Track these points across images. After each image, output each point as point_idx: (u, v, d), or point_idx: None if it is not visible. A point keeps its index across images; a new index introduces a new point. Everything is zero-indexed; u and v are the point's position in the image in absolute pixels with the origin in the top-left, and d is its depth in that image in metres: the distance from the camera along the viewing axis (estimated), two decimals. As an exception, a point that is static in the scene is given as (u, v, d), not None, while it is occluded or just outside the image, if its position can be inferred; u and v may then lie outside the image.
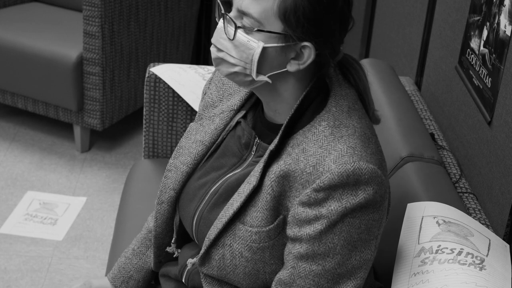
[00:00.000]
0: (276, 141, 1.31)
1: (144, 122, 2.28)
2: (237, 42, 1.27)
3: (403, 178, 1.74)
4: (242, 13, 1.27)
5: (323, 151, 1.26)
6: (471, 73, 1.94)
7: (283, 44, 1.26)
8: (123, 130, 3.50)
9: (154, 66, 2.27)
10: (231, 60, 1.30)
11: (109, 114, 3.19)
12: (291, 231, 1.29)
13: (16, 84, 3.21)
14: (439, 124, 2.18)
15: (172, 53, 3.51)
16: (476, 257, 1.39)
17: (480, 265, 1.37)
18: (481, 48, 1.87)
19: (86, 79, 3.10)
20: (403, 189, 1.70)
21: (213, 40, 1.32)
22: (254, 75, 1.29)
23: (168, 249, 1.56)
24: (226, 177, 1.42)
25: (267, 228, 1.31)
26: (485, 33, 1.85)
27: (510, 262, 1.45)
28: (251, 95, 1.46)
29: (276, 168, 1.30)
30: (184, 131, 2.28)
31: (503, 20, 1.73)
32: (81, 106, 3.15)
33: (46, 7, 3.58)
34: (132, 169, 2.31)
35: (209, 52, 3.93)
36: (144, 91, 2.25)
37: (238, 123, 1.45)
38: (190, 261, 1.47)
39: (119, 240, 2.00)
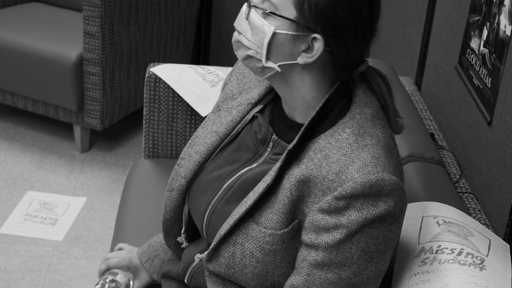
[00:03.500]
0: (295, 141, 1.31)
1: (144, 122, 2.28)
2: (253, 25, 1.29)
3: (403, 178, 1.73)
4: None
5: (346, 159, 1.26)
6: (471, 73, 1.94)
7: (294, 33, 1.27)
8: (123, 130, 3.50)
9: (154, 66, 2.26)
10: (246, 43, 1.31)
11: (109, 114, 3.19)
12: (307, 237, 1.28)
13: (16, 84, 3.21)
14: (439, 124, 2.18)
15: (172, 53, 3.51)
16: (476, 257, 1.39)
17: (480, 265, 1.37)
18: (481, 48, 1.87)
19: (86, 79, 3.10)
20: (403, 189, 1.69)
21: (235, 23, 1.34)
22: (263, 59, 1.30)
23: (179, 238, 1.56)
24: (241, 172, 1.41)
25: (281, 231, 1.31)
26: (485, 33, 1.85)
27: (510, 262, 1.45)
28: (270, 90, 1.46)
29: (297, 172, 1.29)
30: (184, 131, 2.29)
31: (503, 20, 1.73)
32: (81, 106, 3.15)
33: (46, 7, 3.58)
34: (132, 169, 2.31)
35: (209, 52, 3.93)
36: (144, 91, 2.25)
37: (254, 117, 1.44)
38: (198, 256, 1.46)
39: (119, 240, 2.00)
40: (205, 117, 1.59)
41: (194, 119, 2.28)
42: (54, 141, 3.38)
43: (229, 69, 2.29)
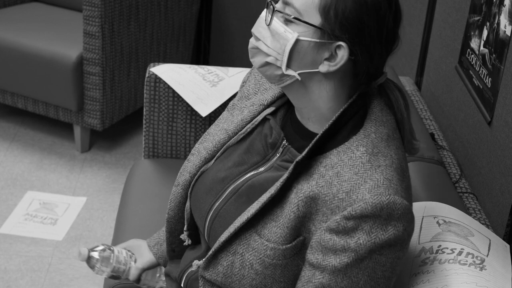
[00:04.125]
0: (304, 153, 1.27)
1: (144, 122, 2.28)
2: (274, 31, 1.26)
3: (403, 178, 1.73)
4: (285, 4, 1.26)
5: (358, 178, 1.22)
6: (471, 73, 1.94)
7: (318, 40, 1.23)
8: (123, 130, 3.50)
9: (154, 66, 2.26)
10: (265, 49, 1.28)
11: (109, 114, 3.19)
12: (313, 257, 1.25)
13: (16, 84, 3.21)
14: (439, 124, 2.18)
15: (172, 53, 3.51)
16: (477, 257, 1.39)
17: (481, 265, 1.37)
18: (481, 48, 1.87)
19: (86, 79, 3.10)
20: (403, 189, 1.69)
21: (253, 29, 1.31)
22: (283, 67, 1.26)
23: (182, 236, 1.53)
24: (247, 176, 1.38)
25: (284, 246, 1.27)
26: (485, 33, 1.85)
27: (511, 262, 1.45)
28: (284, 93, 1.41)
29: (307, 188, 1.26)
30: (184, 131, 2.29)
31: (503, 20, 1.73)
32: (81, 106, 3.15)
33: (46, 7, 3.58)
34: (132, 169, 2.31)
35: (209, 52, 3.93)
36: (144, 91, 2.25)
37: (266, 119, 1.41)
38: (197, 262, 1.42)
39: (119, 240, 2.00)
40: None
41: (194, 119, 2.28)
42: (54, 141, 3.38)
43: (229, 69, 2.29)
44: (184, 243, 1.54)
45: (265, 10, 1.29)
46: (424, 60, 2.43)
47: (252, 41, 1.31)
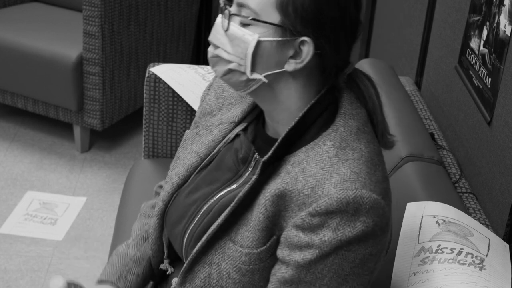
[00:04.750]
0: (270, 153, 1.22)
1: (144, 122, 2.28)
2: (232, 36, 1.20)
3: (403, 178, 1.74)
4: (240, 6, 1.20)
5: (324, 173, 1.17)
6: (471, 73, 1.94)
7: (280, 39, 1.18)
8: (123, 130, 3.50)
9: (154, 66, 2.27)
10: (226, 56, 1.22)
11: (109, 114, 3.19)
12: (280, 252, 1.21)
13: (16, 84, 3.21)
14: (439, 124, 2.18)
15: (172, 53, 3.51)
16: (476, 257, 1.39)
17: (480, 265, 1.37)
18: (481, 48, 1.87)
19: (86, 79, 3.10)
20: (403, 189, 1.69)
21: (210, 37, 1.26)
22: (248, 72, 1.21)
23: (162, 266, 1.45)
24: (220, 194, 1.31)
25: (258, 250, 1.23)
26: (485, 33, 1.85)
27: (510, 262, 1.45)
28: (253, 107, 1.37)
29: (273, 187, 1.21)
30: (184, 131, 2.28)
31: (503, 20, 1.73)
32: (81, 106, 3.15)
33: (46, 7, 3.58)
34: (132, 169, 2.31)
35: (209, 52, 3.92)
36: (144, 91, 2.25)
37: (237, 135, 1.35)
38: (175, 280, 1.37)
39: (119, 240, 1.99)
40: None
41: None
42: (54, 141, 3.38)
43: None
44: (167, 272, 1.45)
45: (220, 15, 1.23)
46: (424, 60, 2.43)
47: (210, 50, 1.26)
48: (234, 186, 1.31)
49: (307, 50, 1.19)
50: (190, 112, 2.26)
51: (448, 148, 2.01)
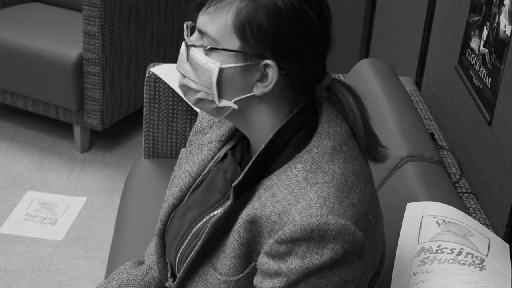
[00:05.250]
0: (240, 178, 1.19)
1: (144, 122, 2.28)
2: (196, 65, 1.18)
3: (403, 178, 1.74)
4: (201, 33, 1.18)
5: (291, 198, 1.13)
6: (471, 73, 1.94)
7: (242, 64, 1.15)
8: (123, 130, 3.50)
9: (154, 66, 2.27)
10: (193, 86, 1.20)
11: (109, 114, 3.19)
12: (255, 279, 1.19)
13: (16, 84, 3.21)
14: (439, 124, 2.18)
15: (172, 53, 3.51)
16: (476, 257, 1.39)
17: (480, 265, 1.37)
18: (481, 48, 1.87)
19: (86, 79, 3.10)
20: (403, 189, 1.69)
21: (177, 66, 1.23)
22: (216, 100, 1.18)
23: (166, 284, 1.43)
24: (208, 216, 1.29)
25: (236, 277, 1.20)
26: (485, 33, 1.85)
27: (510, 262, 1.45)
28: None
29: (244, 213, 1.18)
30: (184, 131, 2.29)
31: (503, 20, 1.73)
32: (81, 106, 3.15)
33: (46, 7, 3.58)
34: (132, 169, 2.31)
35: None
36: (144, 91, 2.25)
37: (226, 154, 1.33)
38: None
39: (119, 240, 2.00)
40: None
41: (194, 119, 2.28)
42: (54, 141, 3.38)
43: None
44: None
45: (183, 44, 1.21)
46: (424, 60, 2.43)
47: (179, 78, 1.23)
48: (221, 209, 1.27)
49: (272, 73, 1.15)
50: (190, 112, 2.26)
51: (448, 148, 2.01)
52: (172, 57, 3.51)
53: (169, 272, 1.42)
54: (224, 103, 1.19)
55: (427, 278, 1.35)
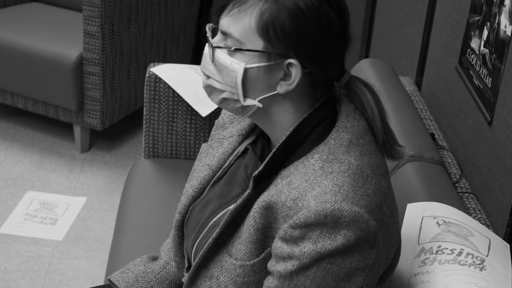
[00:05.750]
0: (261, 168, 1.23)
1: (144, 122, 2.28)
2: (221, 66, 1.22)
3: (403, 178, 1.73)
4: (225, 35, 1.22)
5: (307, 186, 1.17)
6: (471, 73, 1.94)
7: (266, 64, 1.19)
8: (123, 130, 3.50)
9: (154, 66, 2.26)
10: (218, 86, 1.24)
11: (109, 114, 3.19)
12: (269, 263, 1.22)
13: (16, 84, 3.21)
14: (439, 124, 2.18)
15: (172, 53, 3.51)
16: (476, 257, 1.39)
17: (481, 266, 1.37)
18: (482, 48, 1.87)
19: (86, 79, 3.10)
20: (403, 189, 1.69)
21: (201, 67, 1.27)
22: (241, 99, 1.22)
23: (183, 279, 1.44)
24: (228, 209, 1.32)
25: (251, 262, 1.23)
26: (485, 33, 1.85)
27: (511, 262, 1.45)
28: None
29: (260, 199, 1.22)
30: (184, 131, 2.28)
31: (504, 20, 1.73)
32: (81, 106, 3.15)
33: (46, 7, 3.58)
34: (132, 169, 2.31)
35: (209, 52, 3.92)
36: (144, 91, 2.25)
37: (246, 149, 1.36)
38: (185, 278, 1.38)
39: (119, 240, 2.00)
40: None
41: (194, 119, 2.28)
42: (54, 141, 3.37)
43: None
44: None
45: (207, 45, 1.24)
46: (424, 60, 2.43)
47: (203, 80, 1.27)
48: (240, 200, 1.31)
49: (295, 71, 1.19)
50: (190, 112, 2.26)
51: (449, 148, 2.01)
52: (172, 57, 3.51)
53: (186, 267, 1.44)
54: (249, 102, 1.23)
55: (427, 279, 1.35)
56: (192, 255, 1.36)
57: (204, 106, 2.21)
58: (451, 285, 1.31)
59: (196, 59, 3.92)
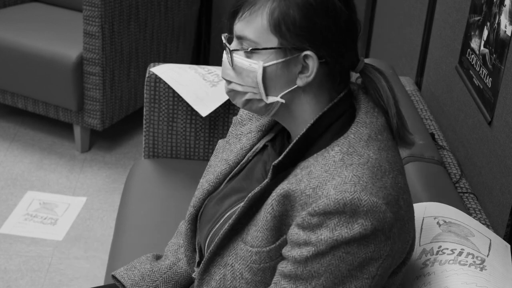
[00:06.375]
0: (281, 157, 1.27)
1: (144, 122, 2.28)
2: (240, 69, 1.26)
3: (403, 178, 1.73)
4: (240, 39, 1.26)
5: (327, 176, 1.20)
6: (472, 73, 1.94)
7: (284, 59, 1.24)
8: (123, 130, 3.50)
9: (154, 66, 2.26)
10: (240, 89, 1.28)
11: (109, 114, 3.19)
12: (284, 249, 1.25)
13: (16, 84, 3.21)
14: (439, 124, 2.18)
15: (172, 53, 3.51)
16: (477, 257, 1.39)
17: (481, 266, 1.37)
18: (482, 48, 1.87)
19: (86, 79, 3.10)
20: (403, 189, 1.69)
21: (221, 74, 1.31)
22: (264, 97, 1.27)
23: (194, 274, 1.45)
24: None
25: (268, 248, 1.26)
26: (485, 33, 1.85)
27: (511, 262, 1.45)
28: None
29: (279, 187, 1.25)
30: (184, 131, 2.29)
31: (504, 20, 1.73)
32: (81, 106, 3.15)
33: (46, 7, 3.58)
34: (132, 169, 2.31)
35: (209, 52, 3.93)
36: (144, 91, 2.25)
37: (265, 146, 1.39)
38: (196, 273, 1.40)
39: (119, 240, 2.00)
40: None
41: (194, 119, 2.28)
42: (54, 141, 3.37)
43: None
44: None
45: (224, 52, 1.29)
46: (424, 60, 2.43)
47: (225, 85, 1.31)
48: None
49: (312, 62, 1.23)
50: (190, 112, 2.26)
51: (449, 148, 2.01)
52: (172, 57, 3.51)
53: (196, 262, 1.46)
54: (272, 99, 1.27)
55: (429, 280, 1.35)
56: (206, 246, 1.38)
57: (204, 106, 2.21)
58: (451, 285, 1.31)
59: (196, 59, 3.92)
